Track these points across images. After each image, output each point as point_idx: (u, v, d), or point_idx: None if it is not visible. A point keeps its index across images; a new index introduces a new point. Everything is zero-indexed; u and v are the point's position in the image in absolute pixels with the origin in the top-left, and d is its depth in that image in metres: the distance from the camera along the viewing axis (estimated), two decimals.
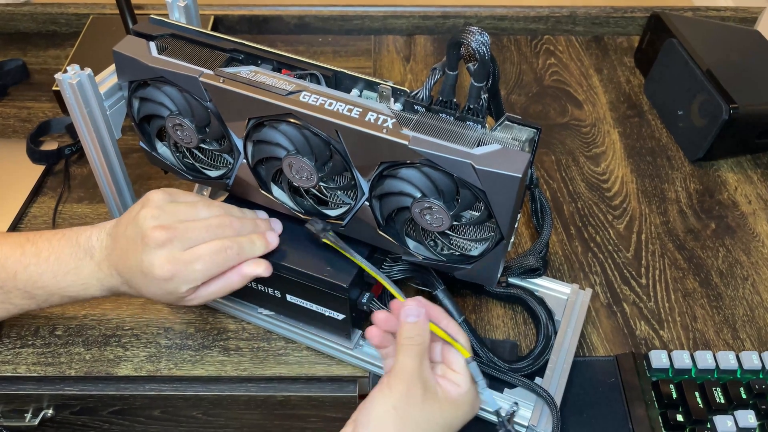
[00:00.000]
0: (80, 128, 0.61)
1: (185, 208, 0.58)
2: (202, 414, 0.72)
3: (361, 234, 0.60)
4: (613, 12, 1.12)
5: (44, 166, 0.86)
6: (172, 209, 0.57)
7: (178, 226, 0.56)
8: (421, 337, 0.53)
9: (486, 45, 0.49)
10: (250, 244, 0.59)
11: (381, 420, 0.51)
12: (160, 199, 0.58)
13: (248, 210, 0.63)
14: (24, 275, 0.59)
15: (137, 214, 0.57)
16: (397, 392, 0.51)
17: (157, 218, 0.56)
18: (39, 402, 0.70)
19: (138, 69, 0.57)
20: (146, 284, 0.57)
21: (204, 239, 0.56)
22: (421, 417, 0.52)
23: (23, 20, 1.10)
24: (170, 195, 0.59)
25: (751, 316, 0.73)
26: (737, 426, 0.61)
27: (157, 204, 0.57)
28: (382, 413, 0.51)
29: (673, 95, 0.94)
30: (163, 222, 0.56)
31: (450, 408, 0.53)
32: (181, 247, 0.56)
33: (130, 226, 0.57)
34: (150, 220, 0.56)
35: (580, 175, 0.89)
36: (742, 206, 0.85)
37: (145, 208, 0.57)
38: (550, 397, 0.61)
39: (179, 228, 0.56)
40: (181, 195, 0.60)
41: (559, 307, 0.69)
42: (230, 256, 0.57)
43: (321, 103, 0.53)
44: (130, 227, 0.57)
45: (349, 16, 1.11)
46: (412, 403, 0.51)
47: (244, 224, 0.60)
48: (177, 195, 0.59)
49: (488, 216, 0.52)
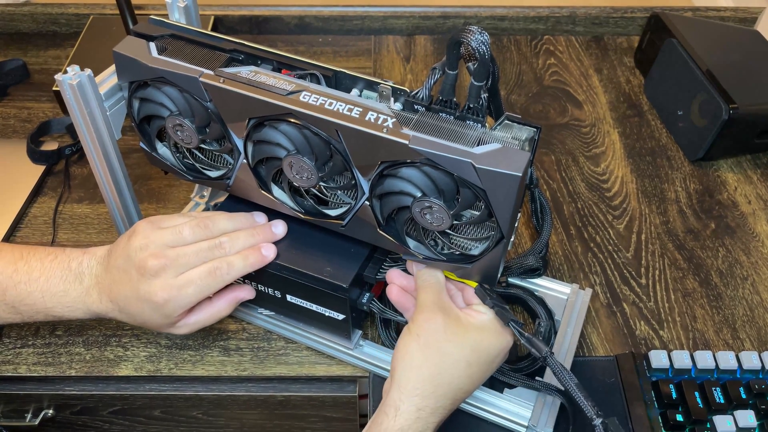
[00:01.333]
0: (80, 129, 0.61)
1: (170, 234, 0.59)
2: (202, 414, 0.72)
3: (361, 234, 0.60)
4: (613, 12, 1.12)
5: (44, 166, 0.86)
6: (158, 237, 0.58)
7: (169, 254, 0.57)
8: (435, 277, 0.58)
9: (486, 44, 0.49)
10: (242, 261, 0.60)
11: (407, 350, 0.54)
12: (145, 228, 0.59)
13: (243, 214, 0.63)
14: (13, 292, 0.60)
15: (126, 246, 0.58)
16: (418, 322, 0.55)
17: (146, 248, 0.58)
18: (39, 402, 0.70)
19: (138, 69, 0.57)
20: (141, 311, 0.59)
21: (195, 263, 0.58)
22: (445, 339, 0.54)
23: (23, 20, 1.10)
24: (154, 223, 0.60)
25: (751, 316, 0.73)
26: (737, 426, 0.61)
27: (143, 233, 0.59)
28: (408, 343, 0.55)
29: (673, 95, 0.94)
30: (153, 251, 0.57)
31: (475, 332, 0.56)
32: (174, 273, 0.57)
33: (120, 258, 0.58)
34: (140, 252, 0.57)
35: (580, 175, 0.89)
36: (741, 206, 0.85)
37: (132, 238, 0.59)
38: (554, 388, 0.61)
39: (170, 255, 0.57)
40: (165, 220, 0.61)
41: (559, 307, 0.69)
42: (221, 276, 0.59)
43: (321, 102, 0.53)
44: (121, 259, 0.58)
45: (349, 16, 1.11)
46: (433, 329, 0.54)
47: (235, 241, 0.60)
48: (161, 221, 0.60)
49: (488, 215, 0.52)
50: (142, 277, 0.57)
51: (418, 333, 0.55)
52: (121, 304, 0.59)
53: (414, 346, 0.54)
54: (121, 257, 0.58)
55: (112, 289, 0.59)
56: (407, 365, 0.54)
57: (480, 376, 0.56)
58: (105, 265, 0.60)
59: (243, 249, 0.60)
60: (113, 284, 0.59)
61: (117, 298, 0.59)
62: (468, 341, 0.55)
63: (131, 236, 0.59)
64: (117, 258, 0.59)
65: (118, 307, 0.60)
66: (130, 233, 0.59)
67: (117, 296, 0.59)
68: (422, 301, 0.57)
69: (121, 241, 0.60)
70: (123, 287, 0.58)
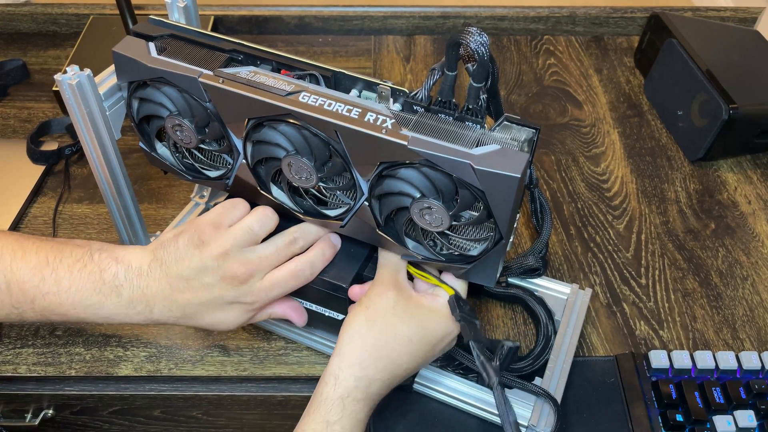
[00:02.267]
0: (80, 129, 0.61)
1: (243, 234, 0.58)
2: (202, 414, 0.72)
3: (360, 234, 0.60)
4: (613, 12, 1.12)
5: (44, 166, 0.86)
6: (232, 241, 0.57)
7: (253, 259, 0.57)
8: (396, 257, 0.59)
9: (485, 45, 0.49)
10: (321, 257, 0.60)
11: (354, 320, 0.56)
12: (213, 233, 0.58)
13: None
14: (42, 302, 0.58)
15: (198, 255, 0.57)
16: (370, 296, 0.57)
17: (227, 256, 0.57)
18: (39, 402, 0.70)
19: (137, 69, 0.57)
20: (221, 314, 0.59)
21: (277, 263, 0.59)
22: (393, 314, 0.56)
23: (23, 20, 1.10)
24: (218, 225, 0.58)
25: (751, 316, 0.73)
26: (737, 426, 0.61)
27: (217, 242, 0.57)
28: (356, 314, 0.56)
29: (673, 95, 0.94)
30: (236, 259, 0.57)
31: (425, 312, 0.57)
32: (260, 277, 0.58)
33: (188, 269, 0.57)
34: (222, 261, 0.57)
35: (579, 175, 0.89)
36: (741, 206, 0.85)
37: (205, 247, 0.57)
38: (549, 395, 0.61)
39: (255, 261, 0.58)
40: (225, 217, 0.59)
41: (559, 307, 0.69)
42: (304, 277, 0.59)
43: (320, 103, 0.53)
44: (190, 270, 0.57)
45: (349, 17, 1.11)
46: (383, 303, 0.56)
47: (307, 233, 0.61)
48: (222, 219, 0.59)
49: (487, 216, 0.52)
50: (229, 285, 0.57)
51: (368, 305, 0.56)
52: (189, 311, 0.58)
53: (361, 317, 0.56)
54: (190, 267, 0.57)
55: (175, 298, 0.58)
56: (351, 335, 0.55)
57: (421, 355, 0.57)
58: (155, 277, 0.58)
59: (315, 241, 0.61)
60: (177, 294, 0.58)
61: (185, 305, 0.58)
62: (415, 319, 0.56)
63: (200, 244, 0.57)
64: (181, 268, 0.57)
65: (181, 314, 0.59)
66: (195, 240, 0.57)
67: (185, 304, 0.58)
68: (378, 277, 0.58)
69: (178, 249, 0.58)
70: (194, 295, 0.58)
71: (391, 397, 0.58)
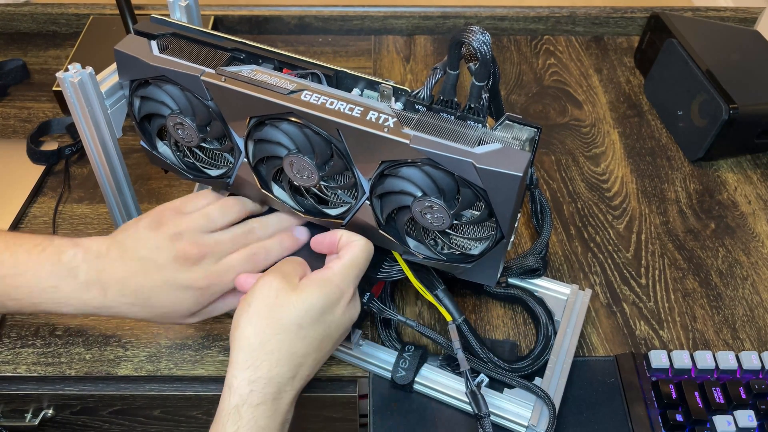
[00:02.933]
0: (81, 127, 0.61)
1: (201, 219, 0.58)
2: (202, 414, 0.72)
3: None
4: (613, 12, 1.12)
5: (44, 166, 0.86)
6: (189, 223, 0.58)
7: (207, 241, 0.57)
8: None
9: (487, 44, 0.49)
10: (278, 245, 0.60)
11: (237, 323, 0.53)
12: (171, 215, 0.58)
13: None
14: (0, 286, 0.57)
15: (153, 236, 0.57)
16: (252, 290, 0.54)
17: (181, 237, 0.57)
18: (39, 402, 0.70)
19: (139, 68, 0.57)
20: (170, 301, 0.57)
21: (232, 249, 0.59)
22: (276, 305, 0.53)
23: (23, 20, 1.10)
24: (177, 209, 0.59)
25: (751, 316, 0.73)
26: (737, 426, 0.61)
27: (172, 222, 0.57)
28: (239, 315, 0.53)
29: (673, 95, 0.94)
30: (190, 239, 0.57)
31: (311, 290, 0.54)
32: (214, 260, 0.58)
33: (144, 249, 0.57)
34: (175, 241, 0.57)
35: (579, 175, 0.89)
36: (741, 206, 0.85)
37: (161, 227, 0.57)
38: (547, 396, 0.61)
39: (209, 243, 0.58)
40: (187, 204, 0.60)
41: (559, 307, 0.69)
42: (259, 261, 0.59)
43: (322, 102, 0.53)
44: (145, 250, 0.57)
45: (349, 16, 1.11)
46: (264, 295, 0.53)
47: (266, 227, 0.61)
48: (183, 206, 0.60)
49: (489, 215, 0.52)
50: (182, 266, 0.56)
51: (249, 302, 0.53)
52: (142, 296, 0.57)
53: (244, 318, 0.53)
54: (145, 248, 0.57)
55: (128, 282, 0.57)
56: (237, 339, 0.53)
57: (316, 336, 0.53)
58: (112, 258, 0.57)
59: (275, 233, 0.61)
60: (130, 276, 0.57)
61: (137, 289, 0.57)
62: (300, 302, 0.53)
63: (158, 226, 0.57)
64: (137, 249, 0.57)
65: (134, 299, 0.57)
66: (153, 223, 0.58)
67: (137, 288, 0.57)
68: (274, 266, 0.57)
69: (137, 231, 0.58)
70: (147, 278, 0.57)
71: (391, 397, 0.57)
